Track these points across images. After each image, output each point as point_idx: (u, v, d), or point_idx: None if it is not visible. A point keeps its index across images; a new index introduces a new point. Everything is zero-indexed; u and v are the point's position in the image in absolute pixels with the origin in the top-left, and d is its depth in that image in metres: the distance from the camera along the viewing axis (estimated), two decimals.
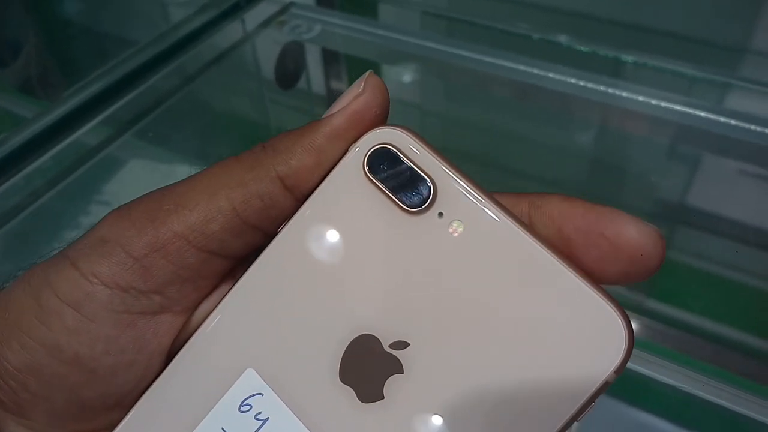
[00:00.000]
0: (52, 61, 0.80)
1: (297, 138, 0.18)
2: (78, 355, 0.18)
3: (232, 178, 0.18)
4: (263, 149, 0.18)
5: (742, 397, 0.41)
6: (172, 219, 0.18)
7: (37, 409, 0.18)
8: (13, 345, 0.18)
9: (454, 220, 0.17)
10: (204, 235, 0.18)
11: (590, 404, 0.16)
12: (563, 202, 0.17)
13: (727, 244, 0.57)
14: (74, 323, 0.18)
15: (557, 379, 0.15)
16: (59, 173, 0.51)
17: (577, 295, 0.16)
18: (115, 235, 0.18)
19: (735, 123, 0.53)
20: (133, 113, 0.57)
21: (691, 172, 0.60)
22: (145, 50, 0.60)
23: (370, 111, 0.18)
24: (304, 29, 0.67)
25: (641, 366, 0.43)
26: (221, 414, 0.18)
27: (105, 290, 0.18)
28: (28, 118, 0.54)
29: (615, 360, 0.15)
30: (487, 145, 0.65)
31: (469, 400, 0.16)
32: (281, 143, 0.18)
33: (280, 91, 0.71)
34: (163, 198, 0.18)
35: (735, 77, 0.58)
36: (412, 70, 0.69)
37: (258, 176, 0.18)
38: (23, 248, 0.47)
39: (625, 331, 0.16)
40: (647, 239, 0.16)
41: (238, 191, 0.18)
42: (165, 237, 0.18)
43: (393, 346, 0.17)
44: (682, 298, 0.51)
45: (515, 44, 0.65)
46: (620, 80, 0.58)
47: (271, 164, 0.18)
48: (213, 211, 0.18)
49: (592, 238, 0.16)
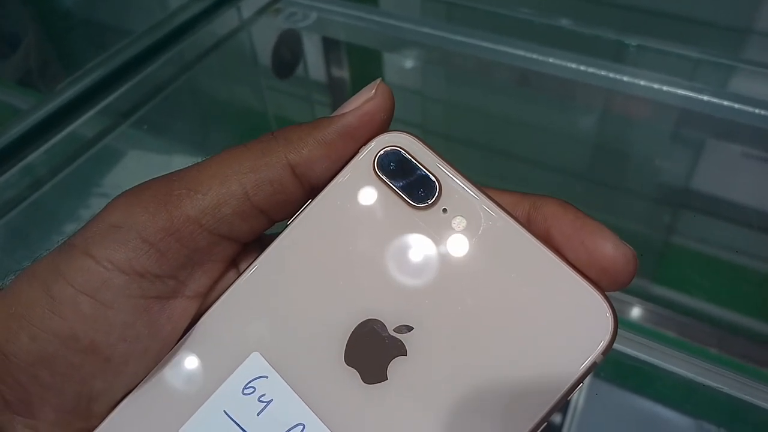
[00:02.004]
0: (52, 52, 0.80)
1: (309, 130, 0.19)
2: (94, 342, 0.18)
3: (243, 163, 0.19)
4: (274, 138, 0.19)
5: (745, 383, 0.41)
6: (185, 203, 0.18)
7: (47, 404, 0.18)
8: (22, 338, 0.18)
9: (457, 216, 0.18)
10: (216, 218, 0.19)
11: (579, 384, 0.17)
12: (559, 206, 0.19)
13: (731, 229, 0.56)
14: (91, 311, 0.18)
15: (549, 361, 0.17)
16: (56, 165, 0.51)
17: (566, 282, 0.17)
18: (129, 221, 0.18)
19: (739, 106, 0.53)
20: (129, 103, 0.56)
21: (694, 156, 0.60)
22: (140, 40, 0.60)
23: (378, 114, 0.19)
24: (300, 17, 0.66)
25: (644, 353, 0.43)
26: (224, 397, 0.19)
27: (122, 276, 0.18)
28: (25, 110, 0.53)
29: (602, 342, 0.17)
30: (488, 131, 0.64)
31: (469, 381, 0.17)
32: (293, 134, 0.19)
33: (278, 80, 0.70)
34: (173, 183, 0.19)
35: (739, 60, 0.58)
36: (412, 57, 0.68)
37: (270, 162, 0.19)
38: (21, 241, 0.47)
39: (611, 315, 0.17)
40: (621, 257, 0.17)
41: (250, 176, 0.19)
42: (179, 221, 0.18)
43: (398, 329, 0.18)
44: (686, 283, 0.51)
45: (516, 29, 0.64)
46: (623, 64, 0.57)
47: (283, 152, 0.19)
48: (225, 195, 0.18)
49: (573, 244, 0.18)
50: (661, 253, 0.55)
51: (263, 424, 0.18)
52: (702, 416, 0.42)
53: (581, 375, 0.17)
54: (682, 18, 0.63)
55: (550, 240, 0.18)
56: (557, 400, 0.17)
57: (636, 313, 0.47)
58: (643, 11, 0.65)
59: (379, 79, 0.20)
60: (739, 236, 0.55)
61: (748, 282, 0.52)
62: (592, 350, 0.17)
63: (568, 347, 0.17)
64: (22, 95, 0.65)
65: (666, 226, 0.58)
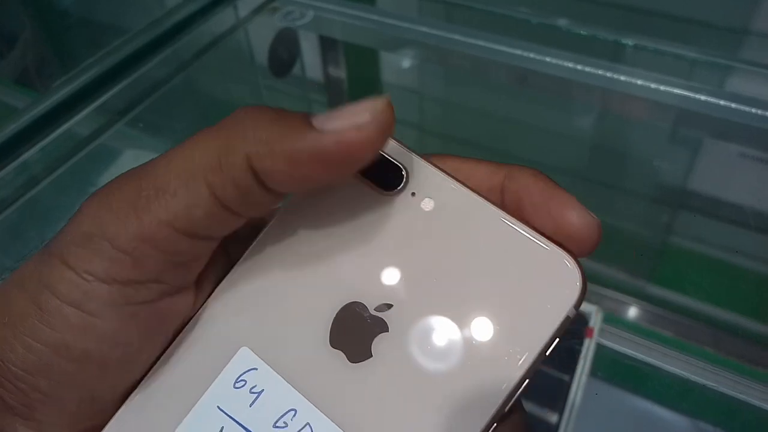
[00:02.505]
0: (49, 51, 0.80)
1: (280, 137, 0.17)
2: (87, 351, 0.18)
3: (210, 158, 0.17)
4: (241, 131, 0.17)
5: (742, 382, 0.41)
6: (154, 206, 0.17)
7: (49, 409, 0.18)
8: (17, 348, 0.18)
9: (426, 197, 0.19)
10: (190, 221, 0.17)
11: (555, 339, 0.18)
12: (530, 177, 0.19)
13: (728, 229, 0.56)
14: (79, 321, 0.17)
15: (525, 320, 0.18)
16: (51, 163, 0.50)
17: (533, 247, 0.18)
18: (99, 229, 0.17)
19: (736, 106, 0.53)
20: (126, 102, 0.56)
21: (691, 156, 0.60)
22: (136, 38, 0.59)
23: (363, 150, 0.17)
24: (297, 15, 0.66)
25: (641, 353, 0.43)
26: (217, 393, 0.19)
27: (103, 286, 0.17)
28: (20, 108, 0.53)
29: (572, 297, 0.18)
30: (486, 131, 0.64)
31: (450, 347, 0.18)
32: (261, 133, 0.17)
33: (275, 79, 0.70)
34: (141, 181, 0.18)
35: (736, 60, 0.58)
36: (410, 56, 0.68)
37: (233, 163, 0.17)
38: (16, 239, 0.47)
39: (579, 273, 0.18)
40: (584, 226, 0.18)
41: (215, 176, 0.17)
42: (151, 226, 0.17)
43: (378, 308, 0.19)
44: (683, 283, 0.51)
45: (514, 28, 0.64)
46: (620, 64, 0.57)
47: (245, 154, 0.17)
48: (194, 197, 0.17)
49: (541, 213, 0.18)
50: (658, 253, 0.55)
51: (256, 414, 0.19)
52: (699, 415, 0.42)
53: (557, 329, 0.18)
54: (679, 18, 0.63)
55: (521, 209, 0.19)
56: (538, 355, 0.18)
57: (633, 312, 0.47)
58: (641, 11, 0.65)
59: (386, 98, 0.17)
60: (737, 236, 0.55)
61: (745, 282, 0.52)
62: (565, 305, 0.18)
63: (541, 305, 0.18)
64: (18, 94, 0.64)
65: (663, 225, 0.58)
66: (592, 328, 0.43)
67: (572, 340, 0.43)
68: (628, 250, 0.53)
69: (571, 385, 0.41)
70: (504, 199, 0.19)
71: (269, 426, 0.19)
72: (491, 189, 0.20)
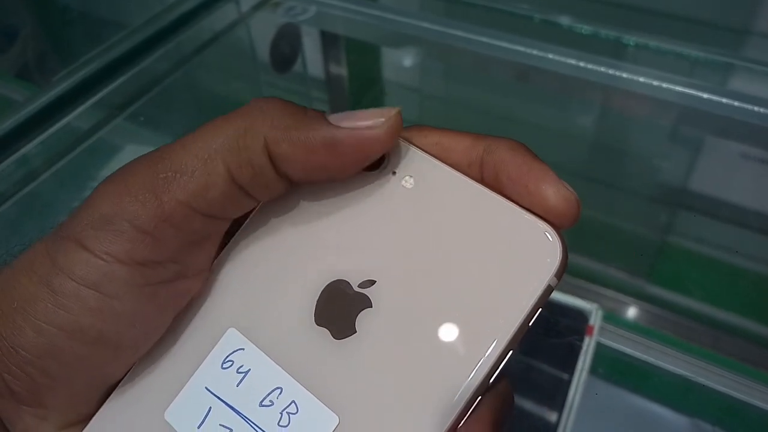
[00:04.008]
0: (50, 46, 0.80)
1: (296, 123, 0.18)
2: (102, 333, 0.18)
3: (226, 141, 0.18)
4: (261, 115, 0.18)
5: (741, 382, 0.41)
6: (173, 187, 0.18)
7: (56, 393, 0.18)
8: (28, 332, 0.17)
9: (406, 176, 0.20)
10: (206, 201, 0.18)
11: (538, 309, 0.18)
12: (508, 150, 0.19)
13: (728, 229, 0.56)
14: (96, 303, 0.18)
15: (507, 291, 0.18)
16: (51, 157, 0.50)
17: (513, 219, 0.19)
18: (119, 211, 0.18)
19: (738, 104, 0.52)
20: (126, 96, 0.56)
21: (693, 155, 0.60)
22: (137, 32, 0.59)
23: (373, 148, 0.19)
24: (299, 10, 0.66)
25: (641, 352, 0.43)
26: (205, 374, 0.20)
27: (122, 267, 0.18)
28: (20, 102, 0.53)
29: (553, 267, 0.18)
30: (487, 128, 0.64)
31: (433, 320, 0.18)
32: (280, 120, 0.18)
33: (276, 74, 0.70)
34: (158, 165, 0.18)
35: (738, 58, 0.57)
36: (411, 52, 0.68)
37: (250, 146, 0.18)
38: (15, 232, 0.47)
39: (560, 242, 0.18)
40: (561, 200, 0.18)
41: (233, 156, 0.18)
42: (170, 206, 0.18)
43: (362, 285, 0.19)
44: (683, 283, 0.51)
45: (516, 25, 0.64)
46: (622, 61, 0.57)
47: (263, 137, 0.18)
48: (212, 176, 0.18)
49: (518, 187, 0.18)
50: (657, 253, 0.55)
51: (243, 393, 0.19)
52: (698, 414, 0.42)
53: (539, 298, 0.18)
54: (681, 16, 0.63)
55: (498, 183, 0.19)
56: (520, 325, 0.18)
57: (632, 312, 0.47)
58: (643, 9, 0.65)
59: (398, 108, 0.19)
60: (736, 237, 0.55)
61: (745, 282, 0.52)
62: (546, 274, 0.18)
63: (522, 276, 0.18)
64: (19, 88, 0.64)
65: (663, 225, 0.58)
66: (592, 326, 0.43)
67: (572, 337, 0.43)
68: (629, 249, 0.53)
69: (570, 383, 0.41)
70: (483, 173, 0.19)
71: (256, 405, 0.19)
72: (471, 163, 0.20)
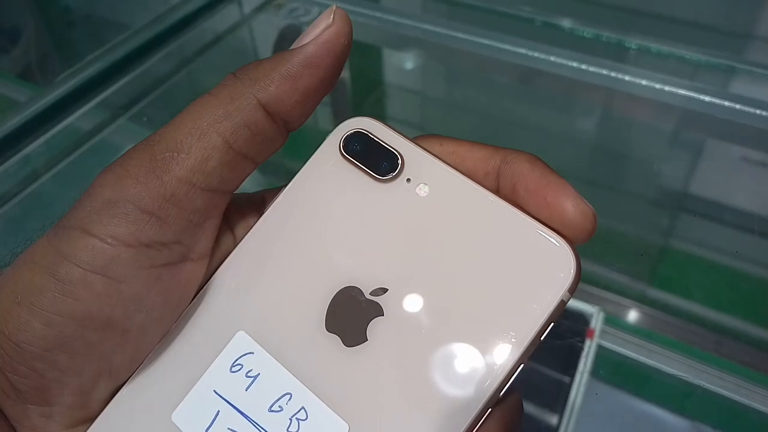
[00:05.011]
0: (52, 47, 0.80)
1: (273, 66, 0.19)
2: (111, 318, 0.18)
3: (216, 112, 0.19)
4: (239, 79, 0.19)
5: (742, 385, 0.41)
6: (172, 166, 0.18)
7: (65, 388, 0.18)
8: (35, 325, 0.17)
9: (421, 183, 0.20)
10: (205, 174, 0.18)
11: (550, 323, 0.18)
12: (527, 162, 0.19)
13: (730, 233, 0.56)
14: (104, 288, 0.18)
15: (520, 304, 0.18)
16: (54, 157, 0.50)
17: (527, 232, 0.18)
18: (123, 194, 0.18)
19: (739, 107, 0.52)
20: (128, 97, 0.56)
21: (695, 158, 0.60)
22: (140, 33, 0.59)
23: (339, 40, 0.20)
24: (302, 12, 0.66)
25: (642, 355, 0.43)
26: (213, 377, 0.19)
27: (128, 250, 0.18)
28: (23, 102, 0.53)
29: (567, 281, 0.18)
30: (489, 131, 0.64)
31: (445, 331, 0.18)
32: (257, 72, 0.19)
33: None
34: (154, 147, 0.18)
35: (739, 61, 0.57)
36: (413, 55, 0.68)
37: (241, 106, 0.19)
38: (18, 232, 0.47)
39: (573, 257, 0.18)
40: (579, 214, 0.18)
41: (226, 124, 0.19)
42: (172, 185, 0.18)
43: (374, 293, 0.19)
44: (684, 286, 0.51)
45: (518, 28, 0.64)
46: (624, 65, 0.57)
47: (251, 93, 0.19)
48: (208, 149, 0.18)
49: (536, 199, 0.18)
50: (659, 256, 0.55)
51: (252, 398, 0.19)
52: (699, 418, 0.42)
53: (552, 313, 0.18)
54: (683, 20, 0.63)
55: (516, 194, 0.19)
56: (533, 338, 0.18)
57: (634, 315, 0.47)
58: (645, 13, 0.65)
59: (334, 5, 0.20)
60: (738, 240, 0.55)
61: (746, 286, 0.52)
62: (559, 289, 0.18)
63: (536, 289, 0.18)
64: (22, 89, 0.64)
65: (664, 228, 0.58)
66: (593, 329, 0.43)
67: (573, 339, 0.43)
68: (630, 253, 0.53)
69: (571, 386, 0.41)
70: (499, 184, 0.19)
71: (265, 410, 0.19)
72: (487, 173, 0.20)
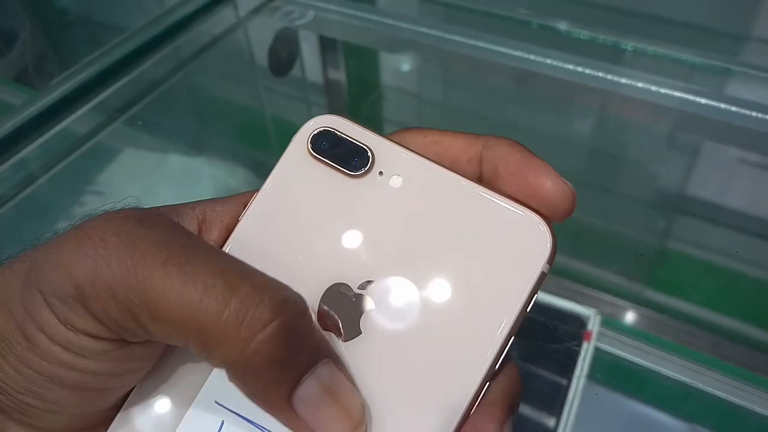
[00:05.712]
0: (48, 50, 0.80)
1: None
2: (80, 382, 0.17)
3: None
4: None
5: (739, 387, 0.41)
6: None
7: (45, 419, 0.18)
8: (8, 370, 0.17)
9: (394, 175, 0.20)
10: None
11: (534, 296, 0.19)
12: (508, 146, 0.19)
13: (727, 234, 0.56)
14: (69, 359, 0.17)
15: (504, 280, 0.19)
16: (49, 161, 0.50)
17: (502, 211, 0.19)
18: (92, 287, 0.16)
19: (735, 109, 0.52)
20: (124, 100, 0.56)
21: (691, 160, 0.60)
22: (136, 36, 0.59)
23: None
24: (297, 15, 0.66)
25: (639, 357, 0.43)
26: (213, 388, 0.19)
27: (89, 339, 0.17)
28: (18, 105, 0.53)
29: (545, 254, 0.18)
30: (485, 132, 0.64)
31: (434, 313, 0.19)
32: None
33: (274, 78, 0.70)
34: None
35: (736, 63, 0.57)
36: (409, 57, 0.68)
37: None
38: (13, 235, 0.47)
39: (549, 231, 0.19)
40: (558, 191, 0.19)
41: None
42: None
43: (361, 286, 0.19)
44: (681, 288, 0.51)
45: (514, 31, 0.64)
46: (620, 67, 0.57)
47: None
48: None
49: (517, 180, 0.19)
50: (655, 258, 0.55)
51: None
52: (696, 420, 0.42)
53: (534, 285, 0.18)
54: (679, 22, 0.63)
55: (498, 177, 0.19)
56: (520, 311, 0.18)
57: (631, 317, 0.47)
58: (641, 15, 0.65)
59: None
60: (734, 241, 0.55)
61: (743, 287, 0.52)
62: (539, 262, 0.18)
63: (517, 265, 0.19)
64: (17, 92, 0.64)
65: (661, 230, 0.58)
66: (590, 331, 0.43)
67: (570, 343, 0.43)
68: (627, 254, 0.53)
69: (569, 388, 0.41)
70: (481, 168, 0.20)
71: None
72: (470, 159, 0.20)
